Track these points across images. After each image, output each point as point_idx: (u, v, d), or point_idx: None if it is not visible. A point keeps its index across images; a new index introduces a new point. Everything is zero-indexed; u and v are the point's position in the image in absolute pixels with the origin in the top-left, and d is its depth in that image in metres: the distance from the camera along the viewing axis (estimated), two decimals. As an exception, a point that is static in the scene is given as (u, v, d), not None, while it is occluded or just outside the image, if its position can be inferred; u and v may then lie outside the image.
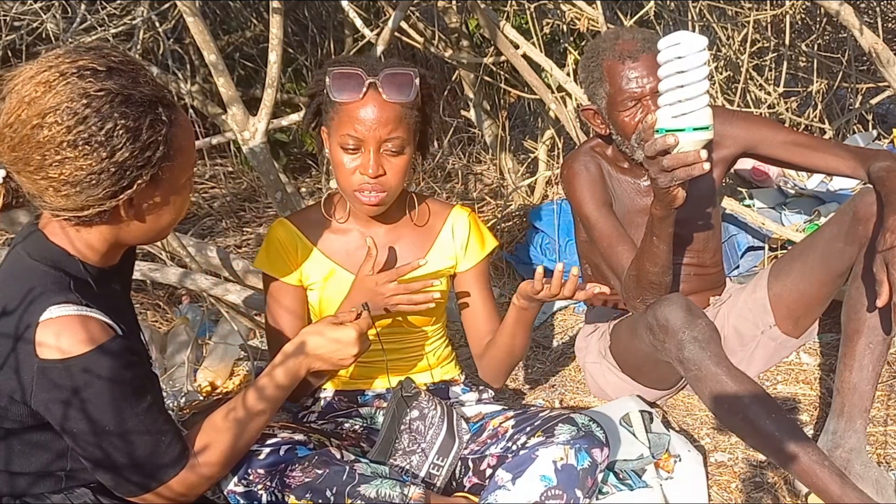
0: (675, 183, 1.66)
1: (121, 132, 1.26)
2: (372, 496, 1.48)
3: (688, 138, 1.60)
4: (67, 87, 1.24)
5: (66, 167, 1.25)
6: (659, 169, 1.65)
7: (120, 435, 1.32)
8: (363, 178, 1.68)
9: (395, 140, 1.66)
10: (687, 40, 1.56)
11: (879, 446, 1.98)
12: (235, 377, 2.50)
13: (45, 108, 1.24)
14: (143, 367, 1.39)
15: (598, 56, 1.99)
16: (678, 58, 1.57)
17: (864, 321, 1.82)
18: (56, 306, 1.29)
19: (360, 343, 1.53)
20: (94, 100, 1.25)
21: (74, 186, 1.27)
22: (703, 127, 1.60)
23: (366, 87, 1.65)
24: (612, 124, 2.03)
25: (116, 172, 1.27)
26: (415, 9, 3.56)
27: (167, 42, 3.54)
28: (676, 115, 1.60)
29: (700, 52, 1.56)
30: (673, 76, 1.58)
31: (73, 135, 1.24)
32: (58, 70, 1.25)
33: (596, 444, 1.58)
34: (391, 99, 1.65)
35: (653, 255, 1.84)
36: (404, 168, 1.70)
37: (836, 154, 2.03)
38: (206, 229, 3.88)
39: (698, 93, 1.58)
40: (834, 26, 3.98)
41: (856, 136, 3.21)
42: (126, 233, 1.39)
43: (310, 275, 1.81)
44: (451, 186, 4.04)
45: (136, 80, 1.29)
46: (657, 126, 1.63)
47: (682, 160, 1.61)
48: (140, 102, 1.28)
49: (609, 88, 1.97)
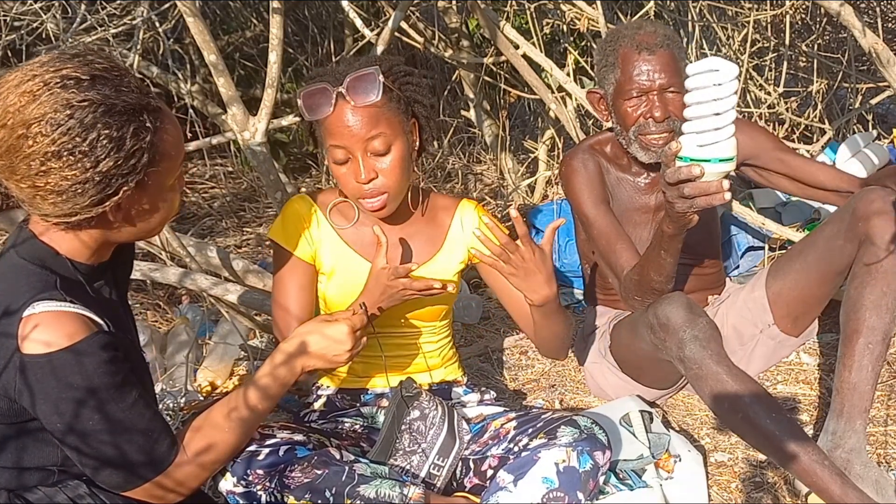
0: (693, 210, 1.63)
1: (104, 142, 1.26)
2: (371, 496, 1.48)
3: (712, 169, 1.55)
4: (51, 98, 1.25)
5: (51, 177, 1.26)
6: (678, 195, 1.61)
7: (104, 430, 1.33)
8: (360, 186, 1.68)
9: (378, 139, 1.65)
10: (724, 67, 1.50)
11: (879, 446, 1.98)
12: (235, 377, 2.50)
13: (29, 119, 1.25)
14: (129, 362, 1.39)
15: (616, 42, 1.99)
16: (716, 85, 1.51)
17: (864, 321, 1.82)
18: (40, 302, 1.30)
19: (354, 339, 1.52)
20: (77, 110, 1.25)
21: (60, 195, 1.28)
22: (727, 158, 1.55)
23: (334, 99, 1.64)
24: (614, 112, 2.03)
25: (101, 181, 1.28)
26: (415, 9, 3.56)
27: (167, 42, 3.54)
28: (703, 145, 1.55)
29: (733, 81, 1.51)
30: (707, 103, 1.52)
31: (58, 146, 1.25)
32: (42, 80, 1.26)
33: (598, 447, 1.58)
34: (360, 103, 1.64)
35: (659, 266, 1.84)
36: (399, 165, 1.68)
37: (831, 170, 2.10)
38: (206, 229, 3.88)
39: (728, 122, 1.53)
40: (834, 26, 3.98)
41: (856, 137, 3.21)
42: (116, 234, 1.40)
43: (323, 255, 1.79)
44: (452, 186, 4.04)
45: (119, 87, 1.29)
46: (681, 153, 1.58)
47: (703, 190, 1.57)
48: (123, 111, 1.28)
49: (620, 75, 1.98)
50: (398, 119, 1.68)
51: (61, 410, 1.31)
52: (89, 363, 1.30)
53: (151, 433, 1.37)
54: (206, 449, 1.44)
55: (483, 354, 2.57)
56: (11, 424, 1.36)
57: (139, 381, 1.40)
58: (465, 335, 2.69)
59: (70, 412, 1.31)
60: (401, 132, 1.69)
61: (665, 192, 1.66)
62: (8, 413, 1.34)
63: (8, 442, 1.37)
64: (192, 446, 1.44)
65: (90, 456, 1.34)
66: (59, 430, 1.32)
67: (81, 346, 1.30)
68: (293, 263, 1.78)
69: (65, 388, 1.30)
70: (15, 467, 1.38)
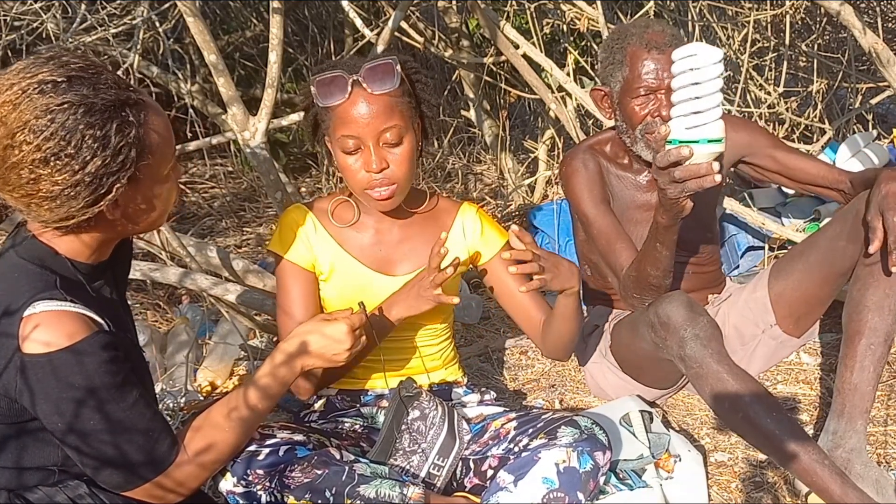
0: (684, 194, 1.65)
1: (89, 142, 1.26)
2: (371, 496, 1.48)
3: (701, 150, 1.58)
4: (30, 105, 1.25)
5: (42, 184, 1.26)
6: (669, 180, 1.63)
7: (105, 430, 1.33)
8: (370, 176, 1.68)
9: (391, 130, 1.66)
10: (703, 52, 1.55)
11: (879, 446, 1.98)
12: (235, 377, 2.50)
13: (12, 129, 1.25)
14: (130, 362, 1.40)
15: (624, 39, 1.99)
16: (693, 69, 1.55)
17: (866, 322, 1.82)
18: (40, 302, 1.30)
19: (353, 338, 1.52)
20: (57, 114, 1.25)
21: (54, 201, 1.28)
22: (716, 139, 1.58)
23: (350, 86, 1.65)
24: (620, 110, 2.03)
25: (92, 182, 1.28)
26: (415, 9, 3.56)
27: (167, 42, 3.54)
28: (690, 127, 1.58)
29: (716, 65, 1.55)
30: (688, 87, 1.57)
31: (43, 152, 1.25)
32: (19, 87, 1.26)
33: (599, 447, 1.58)
34: (377, 91, 1.65)
35: (655, 260, 1.84)
36: (409, 157, 1.69)
37: (823, 166, 2.11)
38: (206, 229, 3.88)
39: (713, 105, 1.57)
40: (834, 26, 3.98)
41: (856, 137, 3.20)
42: (120, 230, 1.41)
43: (323, 262, 1.80)
44: (452, 186, 4.04)
45: (97, 86, 1.28)
46: (670, 137, 1.61)
47: (694, 172, 1.60)
48: (104, 109, 1.28)
49: (627, 73, 1.97)
50: (409, 113, 1.70)
51: (62, 410, 1.31)
52: (90, 363, 1.30)
53: (152, 433, 1.37)
54: (206, 449, 1.44)
55: (483, 354, 2.57)
56: (12, 424, 1.36)
57: (140, 381, 1.40)
58: (465, 335, 2.69)
59: (70, 412, 1.31)
60: (411, 126, 1.70)
61: (657, 179, 1.67)
62: (8, 413, 1.34)
63: (8, 442, 1.37)
64: (193, 446, 1.44)
65: (90, 456, 1.34)
66: (59, 429, 1.32)
67: (82, 345, 1.30)
68: (294, 273, 1.79)
69: (65, 387, 1.30)
70: (15, 467, 1.38)
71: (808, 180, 2.11)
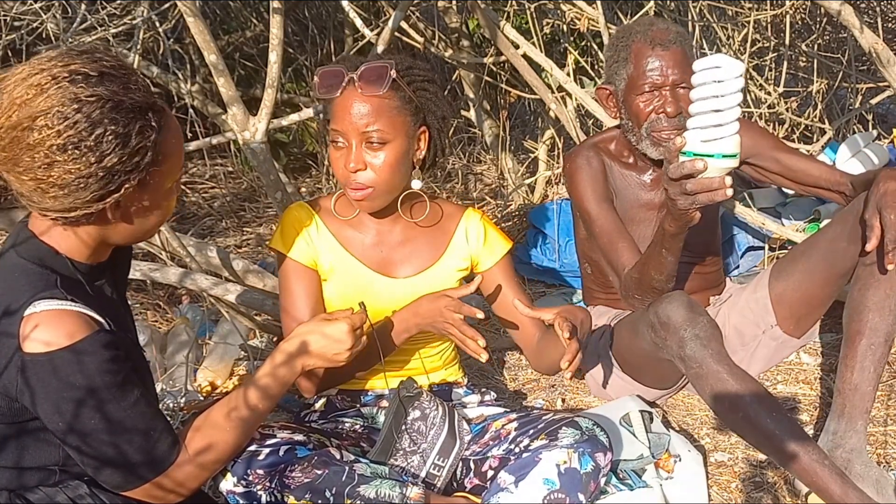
0: (694, 206, 1.64)
1: (110, 137, 1.27)
2: (371, 496, 1.48)
3: (715, 164, 1.57)
4: (59, 92, 1.25)
5: (54, 170, 1.27)
6: (681, 191, 1.62)
7: (105, 429, 1.33)
8: (347, 173, 1.69)
9: (375, 132, 1.66)
10: (727, 64, 1.54)
11: (879, 446, 1.98)
12: (235, 377, 2.50)
13: (35, 111, 1.25)
14: (131, 361, 1.40)
15: (628, 37, 1.99)
16: (717, 81, 1.54)
17: (866, 322, 1.82)
18: (41, 301, 1.30)
19: (353, 338, 1.52)
20: (84, 105, 1.26)
21: (62, 189, 1.28)
22: (731, 154, 1.57)
23: (345, 83, 1.66)
24: (625, 108, 2.03)
25: (105, 177, 1.28)
26: (415, 9, 3.55)
27: (167, 42, 3.54)
28: (707, 140, 1.57)
29: (738, 78, 1.54)
30: (709, 100, 1.55)
31: (63, 139, 1.25)
32: (50, 74, 1.26)
33: (599, 448, 1.58)
34: (366, 92, 1.65)
35: (659, 265, 1.84)
36: (391, 163, 1.68)
37: (825, 167, 2.12)
38: (206, 229, 3.88)
39: (731, 119, 1.56)
40: (834, 26, 3.98)
41: (856, 137, 3.20)
42: (113, 233, 1.40)
43: (324, 260, 1.79)
44: (452, 186, 4.04)
45: (127, 85, 1.30)
46: (685, 148, 1.59)
47: (706, 186, 1.59)
48: (130, 108, 1.29)
49: (632, 70, 1.98)
50: (402, 120, 1.68)
51: (62, 410, 1.31)
52: (90, 362, 1.30)
53: (152, 433, 1.37)
54: (206, 449, 1.44)
55: (483, 354, 2.56)
56: (12, 424, 1.36)
57: (140, 381, 1.40)
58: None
59: (71, 411, 1.31)
60: (402, 134, 1.69)
61: (667, 189, 1.66)
62: (9, 413, 1.34)
63: (8, 442, 1.37)
64: (193, 446, 1.44)
65: (91, 455, 1.34)
66: (60, 429, 1.32)
67: (82, 345, 1.30)
68: (297, 270, 1.79)
69: (66, 387, 1.30)
70: (15, 467, 1.38)
71: (809, 182, 2.11)
